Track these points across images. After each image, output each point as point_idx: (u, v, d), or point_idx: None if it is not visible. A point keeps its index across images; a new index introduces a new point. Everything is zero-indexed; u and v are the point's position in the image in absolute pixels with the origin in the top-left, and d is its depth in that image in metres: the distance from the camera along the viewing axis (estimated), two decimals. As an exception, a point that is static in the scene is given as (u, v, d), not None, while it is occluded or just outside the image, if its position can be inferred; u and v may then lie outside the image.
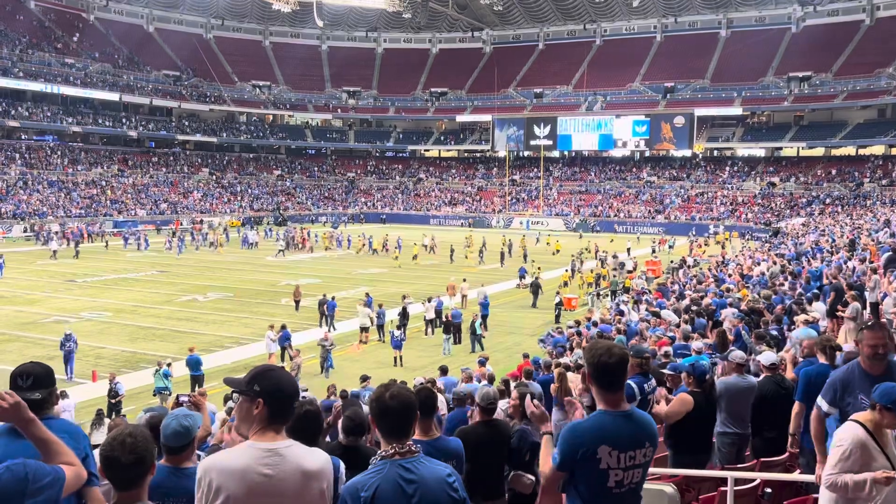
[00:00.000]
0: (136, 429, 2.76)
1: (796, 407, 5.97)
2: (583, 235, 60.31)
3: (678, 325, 14.74)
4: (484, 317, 25.26)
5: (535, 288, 31.17)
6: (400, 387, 3.10)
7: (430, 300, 26.11)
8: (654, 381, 7.02)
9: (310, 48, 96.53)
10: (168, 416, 3.63)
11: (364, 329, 23.76)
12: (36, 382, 3.32)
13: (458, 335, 24.29)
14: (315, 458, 2.79)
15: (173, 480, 3.33)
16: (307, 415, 4.01)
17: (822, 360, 6.10)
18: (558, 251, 48.09)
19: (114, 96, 74.09)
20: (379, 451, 2.96)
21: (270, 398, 2.74)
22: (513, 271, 37.96)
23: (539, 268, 36.43)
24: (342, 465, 3.84)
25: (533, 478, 5.11)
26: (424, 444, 3.91)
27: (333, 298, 26.18)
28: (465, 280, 32.00)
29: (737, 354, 7.25)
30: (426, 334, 25.13)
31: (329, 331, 24.14)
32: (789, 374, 7.29)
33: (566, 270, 36.97)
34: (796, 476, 5.82)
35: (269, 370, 2.84)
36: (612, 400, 3.28)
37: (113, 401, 16.10)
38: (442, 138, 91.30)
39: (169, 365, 17.30)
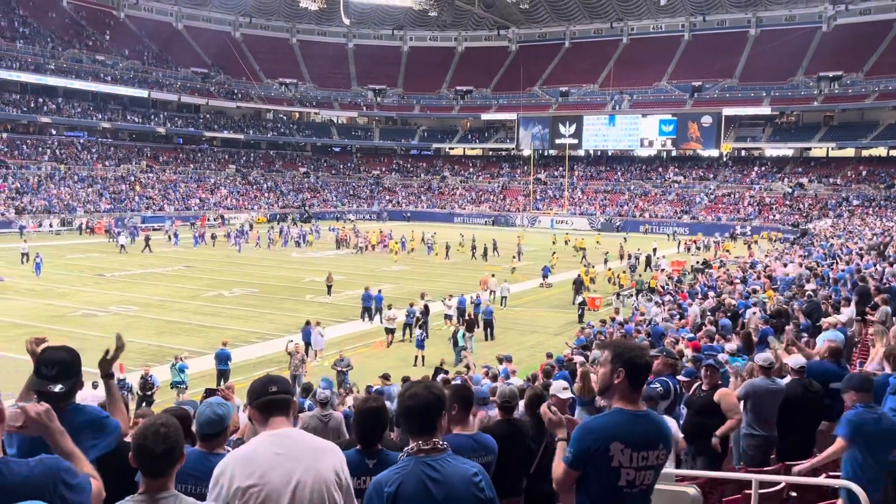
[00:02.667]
0: (168, 419, 2.80)
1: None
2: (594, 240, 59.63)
3: (701, 327, 14.64)
4: (476, 315, 25.21)
5: (578, 285, 31.34)
6: (424, 384, 3.12)
7: (423, 297, 26.17)
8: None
9: (336, 46, 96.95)
10: (203, 405, 3.71)
11: (389, 331, 23.61)
12: (61, 372, 3.22)
13: (490, 330, 24.68)
14: (323, 440, 3.02)
15: (205, 465, 3.38)
16: (369, 411, 3.95)
17: (888, 369, 5.95)
18: (581, 248, 47.90)
19: (143, 93, 75.00)
20: (405, 448, 2.98)
21: (252, 400, 3.09)
22: (533, 270, 37.82)
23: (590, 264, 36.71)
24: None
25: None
26: (465, 438, 3.96)
27: (380, 292, 26.86)
28: (493, 275, 32.09)
29: (762, 357, 7.18)
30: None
31: (369, 322, 25.72)
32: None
33: (590, 267, 36.94)
34: (822, 480, 5.75)
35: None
36: (633, 399, 3.26)
37: (148, 392, 16.31)
38: (467, 136, 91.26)
39: (184, 359, 17.45)
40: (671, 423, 6.13)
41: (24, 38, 70.96)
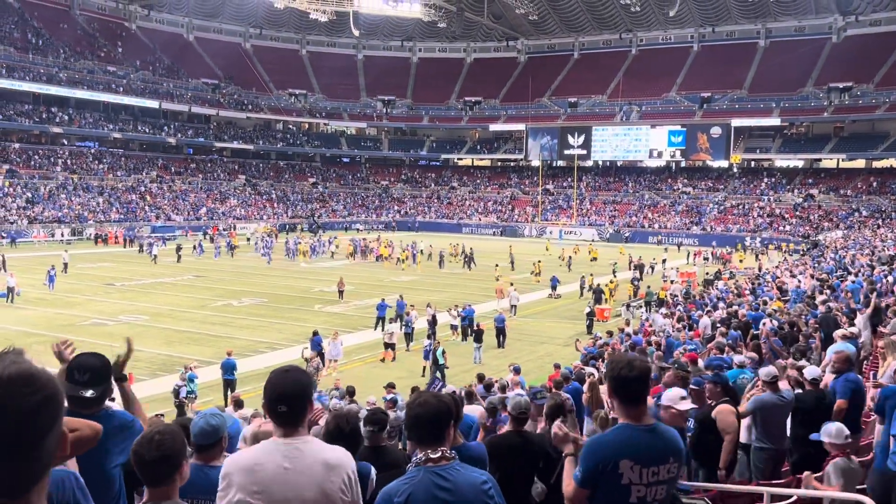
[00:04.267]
0: (167, 427, 2.81)
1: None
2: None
3: (712, 338, 14.55)
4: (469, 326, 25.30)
5: (598, 294, 31.61)
6: (432, 392, 3.13)
7: (428, 307, 26.11)
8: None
9: (346, 57, 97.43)
10: (197, 415, 3.70)
11: (389, 346, 22.97)
12: (93, 378, 3.28)
13: (502, 338, 24.80)
14: (335, 452, 2.82)
15: (202, 478, 3.38)
16: (352, 432, 3.96)
17: None
18: (595, 259, 48.04)
19: (154, 104, 75.50)
20: (413, 458, 2.97)
21: (268, 405, 2.81)
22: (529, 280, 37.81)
23: (591, 275, 36.77)
24: (373, 471, 3.83)
25: (543, 486, 5.07)
26: None
27: (402, 297, 27.53)
28: (511, 284, 32.06)
29: (765, 371, 7.12)
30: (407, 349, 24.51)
31: (376, 329, 25.56)
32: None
33: (612, 280, 36.95)
34: (834, 493, 5.70)
35: (271, 376, 2.87)
36: (634, 414, 3.22)
37: (183, 401, 16.47)
38: (476, 147, 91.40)
39: (193, 368, 17.45)
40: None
41: (37, 50, 71.59)
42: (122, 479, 3.29)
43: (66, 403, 1.49)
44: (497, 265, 41.90)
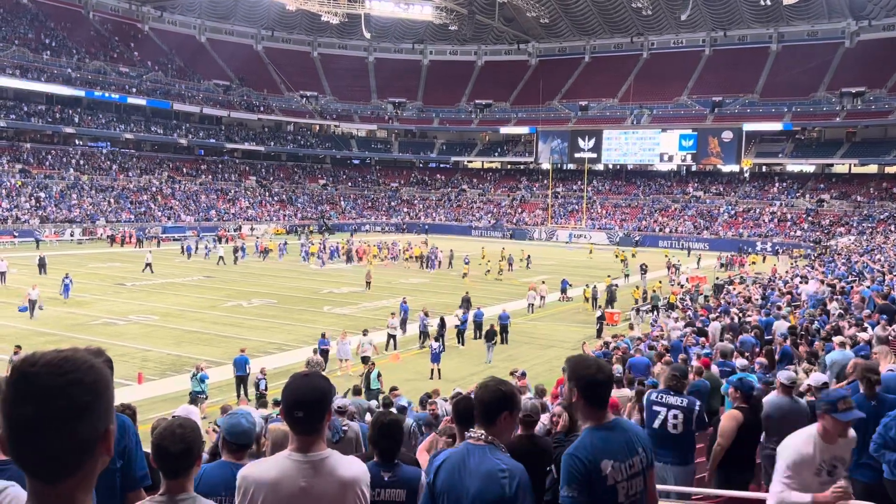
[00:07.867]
0: (186, 420, 2.89)
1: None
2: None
3: (720, 343, 14.49)
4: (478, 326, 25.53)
5: (612, 295, 32.55)
6: (494, 380, 3.25)
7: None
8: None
9: (357, 59, 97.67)
10: (236, 415, 3.77)
11: (365, 360, 20.49)
12: None
13: (504, 335, 25.24)
14: (351, 468, 2.78)
15: (233, 476, 3.44)
16: (391, 424, 3.96)
17: (862, 390, 5.60)
18: (623, 261, 48.04)
19: (165, 105, 75.86)
20: (468, 434, 3.17)
21: (285, 410, 2.77)
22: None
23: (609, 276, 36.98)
24: (424, 476, 3.86)
25: None
26: None
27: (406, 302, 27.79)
28: (543, 282, 32.10)
29: (784, 375, 7.07)
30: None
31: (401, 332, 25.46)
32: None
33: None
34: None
35: (290, 380, 2.82)
36: (599, 415, 3.19)
37: (263, 392, 17.09)
38: (486, 150, 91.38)
39: (203, 368, 17.44)
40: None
41: (51, 51, 72.06)
42: (119, 484, 3.30)
43: (111, 398, 1.52)
44: (467, 263, 42.77)
